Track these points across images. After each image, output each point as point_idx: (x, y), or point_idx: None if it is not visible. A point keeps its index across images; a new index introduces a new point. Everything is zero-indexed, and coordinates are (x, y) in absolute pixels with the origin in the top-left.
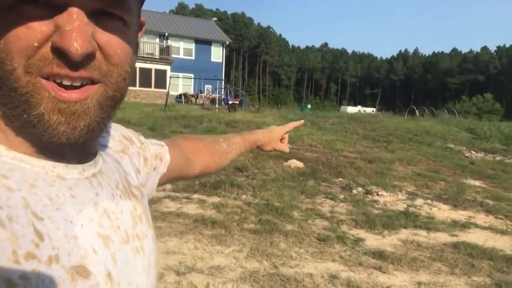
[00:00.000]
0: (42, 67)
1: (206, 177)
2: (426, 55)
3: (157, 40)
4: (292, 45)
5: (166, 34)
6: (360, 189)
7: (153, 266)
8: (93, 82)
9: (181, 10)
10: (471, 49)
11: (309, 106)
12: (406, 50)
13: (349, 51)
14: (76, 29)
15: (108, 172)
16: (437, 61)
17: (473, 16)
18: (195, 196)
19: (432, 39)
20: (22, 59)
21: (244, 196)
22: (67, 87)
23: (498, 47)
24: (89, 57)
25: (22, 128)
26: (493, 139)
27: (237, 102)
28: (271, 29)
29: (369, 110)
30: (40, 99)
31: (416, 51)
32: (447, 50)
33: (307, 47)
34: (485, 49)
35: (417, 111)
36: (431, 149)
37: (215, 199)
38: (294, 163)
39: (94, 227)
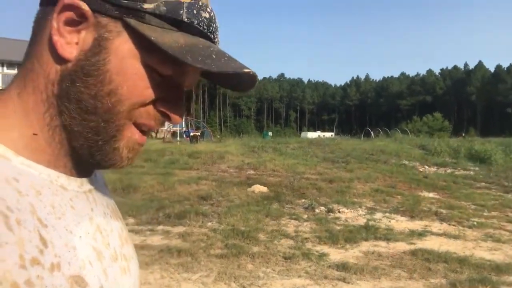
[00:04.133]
0: (141, 118)
1: (170, 207)
2: (377, 80)
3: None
4: None
5: None
6: (322, 208)
7: None
8: None
9: None
10: (417, 72)
11: (270, 133)
12: (358, 76)
13: (305, 80)
14: (183, 105)
15: (100, 191)
16: (387, 85)
17: (418, 41)
18: (160, 227)
19: (381, 65)
20: (130, 107)
21: (209, 224)
22: (143, 133)
23: (442, 69)
24: None
25: (67, 142)
26: (444, 154)
27: (199, 134)
28: None
29: (328, 134)
30: (123, 136)
31: (367, 77)
32: (396, 74)
33: (264, 78)
34: (430, 71)
35: (372, 133)
36: (387, 166)
37: (180, 229)
38: (258, 188)
39: (90, 241)
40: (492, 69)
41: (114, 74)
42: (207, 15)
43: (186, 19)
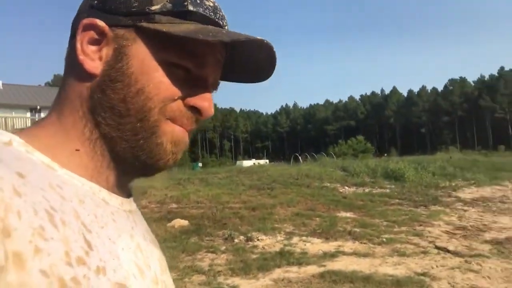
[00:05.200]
0: (175, 116)
1: None
2: (305, 107)
3: (28, 114)
4: None
5: (38, 107)
6: (242, 237)
7: None
8: None
9: (57, 81)
10: (340, 99)
11: (200, 164)
12: (287, 104)
13: (237, 109)
14: (211, 98)
15: (139, 216)
16: (314, 112)
17: (339, 70)
18: None
19: (308, 93)
20: (160, 103)
21: None
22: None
23: (361, 95)
24: None
25: (108, 155)
26: (363, 174)
27: None
28: None
29: (262, 161)
30: (164, 132)
31: (295, 105)
32: (321, 101)
33: None
34: (351, 97)
35: (300, 158)
36: (309, 189)
37: None
38: (179, 222)
39: (132, 255)
40: (405, 93)
41: (139, 75)
42: (211, 4)
43: (192, 8)
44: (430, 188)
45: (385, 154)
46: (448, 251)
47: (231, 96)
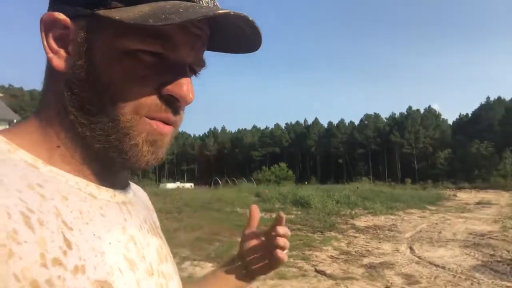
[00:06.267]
0: (150, 112)
1: None
2: (233, 132)
3: None
4: None
5: None
6: None
7: None
8: (173, 126)
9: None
10: (266, 126)
11: None
12: (215, 128)
13: None
14: (190, 82)
15: (137, 205)
16: (241, 137)
17: (265, 98)
18: None
19: (236, 117)
20: (131, 99)
21: None
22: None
23: (286, 123)
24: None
25: (88, 149)
26: (274, 200)
27: None
28: None
29: (188, 185)
30: (139, 132)
31: (223, 129)
32: (248, 127)
33: None
34: (277, 125)
35: (220, 182)
36: (219, 214)
37: None
38: None
39: (121, 249)
40: (325, 125)
41: (102, 70)
42: None
43: None
44: (331, 215)
45: (306, 182)
46: (325, 274)
47: None
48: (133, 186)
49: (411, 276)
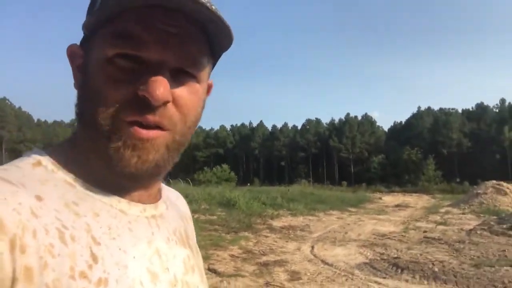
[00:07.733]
0: (129, 115)
1: None
2: None
3: None
4: (38, 119)
5: None
6: None
7: None
8: (163, 129)
9: None
10: (211, 127)
11: None
12: None
13: None
14: (159, 80)
15: (169, 218)
16: None
17: (212, 98)
18: None
19: None
20: (111, 105)
21: None
22: (144, 127)
23: (231, 125)
24: (164, 105)
25: (99, 161)
26: (201, 201)
27: None
28: (7, 101)
29: None
30: (120, 136)
31: None
32: None
33: (55, 121)
34: (222, 127)
35: None
36: None
37: None
38: None
39: (145, 262)
40: (270, 128)
41: (91, 81)
42: None
43: None
44: (252, 216)
45: (248, 184)
46: (215, 272)
47: None
48: (173, 194)
49: (297, 273)
